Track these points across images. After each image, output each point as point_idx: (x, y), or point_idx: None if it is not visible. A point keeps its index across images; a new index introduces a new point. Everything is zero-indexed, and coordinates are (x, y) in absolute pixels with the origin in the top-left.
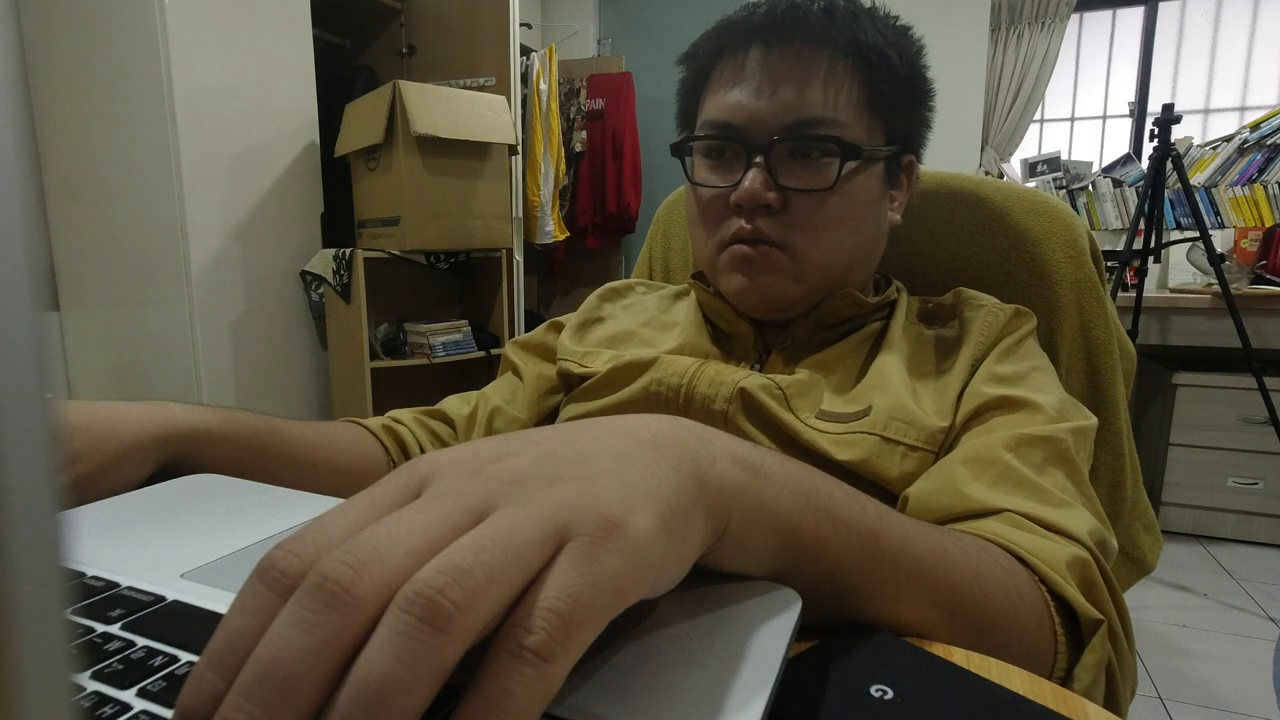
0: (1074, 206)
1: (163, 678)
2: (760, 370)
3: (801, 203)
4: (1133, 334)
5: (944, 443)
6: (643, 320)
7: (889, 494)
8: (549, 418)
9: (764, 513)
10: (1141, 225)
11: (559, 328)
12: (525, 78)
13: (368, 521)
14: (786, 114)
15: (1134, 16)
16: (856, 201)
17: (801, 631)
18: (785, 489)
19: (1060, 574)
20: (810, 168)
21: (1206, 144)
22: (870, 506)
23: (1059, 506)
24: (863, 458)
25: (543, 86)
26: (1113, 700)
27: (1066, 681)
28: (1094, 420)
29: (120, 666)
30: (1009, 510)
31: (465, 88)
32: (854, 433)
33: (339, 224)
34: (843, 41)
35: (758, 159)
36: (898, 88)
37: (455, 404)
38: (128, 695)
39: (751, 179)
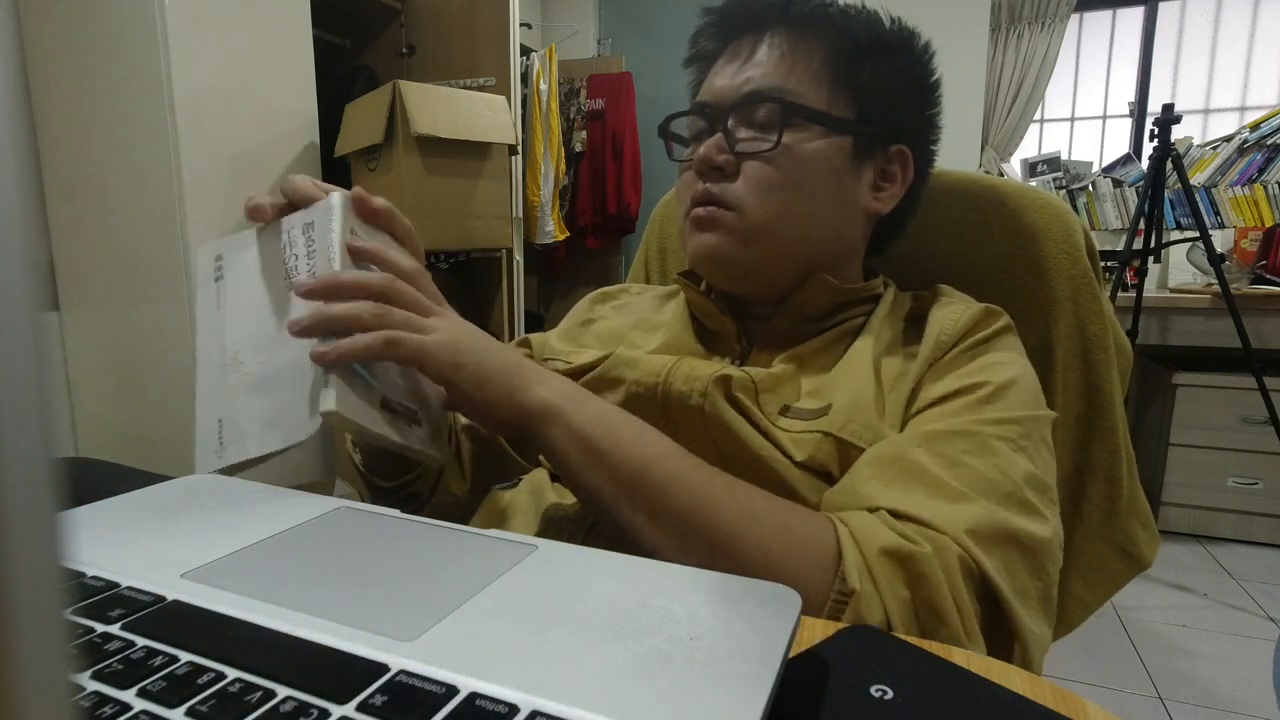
0: (1074, 206)
1: (163, 678)
2: (741, 365)
3: (752, 164)
4: (1133, 334)
5: None
6: (632, 322)
7: None
8: None
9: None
10: (1141, 225)
11: (528, 343)
12: (525, 78)
13: None
14: (744, 86)
15: (1134, 16)
16: (809, 169)
17: (801, 631)
18: (587, 421)
19: (858, 549)
20: (760, 132)
21: (1206, 144)
22: (655, 448)
23: (951, 501)
24: (819, 458)
25: (543, 86)
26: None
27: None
28: (1048, 412)
29: (120, 666)
30: (882, 508)
31: (465, 88)
32: (811, 431)
33: None
34: (804, 22)
35: (718, 127)
36: (872, 69)
37: None
38: (128, 695)
39: (707, 144)
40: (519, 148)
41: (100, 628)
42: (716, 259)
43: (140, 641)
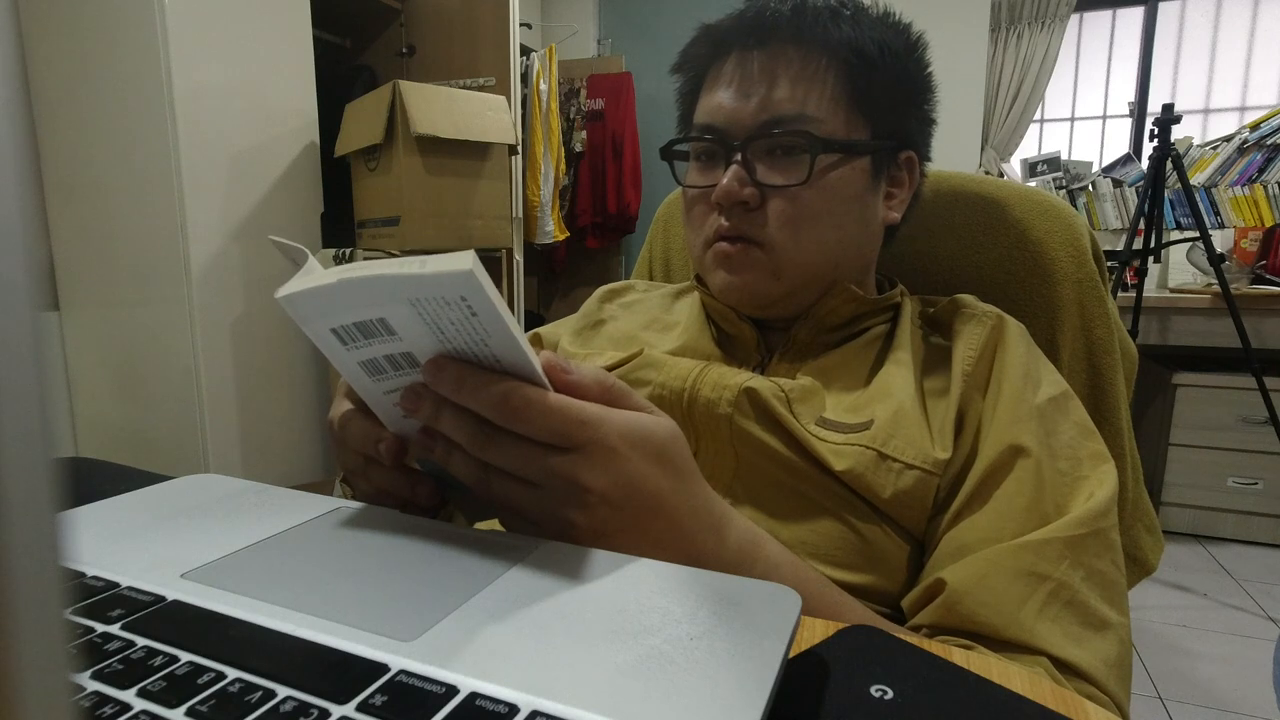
0: (1074, 206)
1: (163, 678)
2: (762, 373)
3: (778, 199)
4: (1133, 334)
5: (947, 473)
6: (644, 322)
7: (880, 513)
8: None
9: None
10: (1141, 225)
11: (539, 340)
12: (525, 78)
13: None
14: (761, 113)
15: (1134, 16)
16: (835, 196)
17: (801, 631)
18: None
19: None
20: (786, 164)
21: (1206, 144)
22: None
23: (1097, 632)
24: (859, 471)
25: (543, 86)
26: None
27: None
28: (1114, 468)
29: (120, 666)
30: (1045, 654)
31: (465, 88)
32: (852, 445)
33: (339, 224)
34: (815, 39)
35: (736, 157)
36: (883, 83)
37: None
38: (128, 695)
39: (729, 176)
40: (519, 148)
41: (100, 628)
42: (749, 296)
43: (140, 641)
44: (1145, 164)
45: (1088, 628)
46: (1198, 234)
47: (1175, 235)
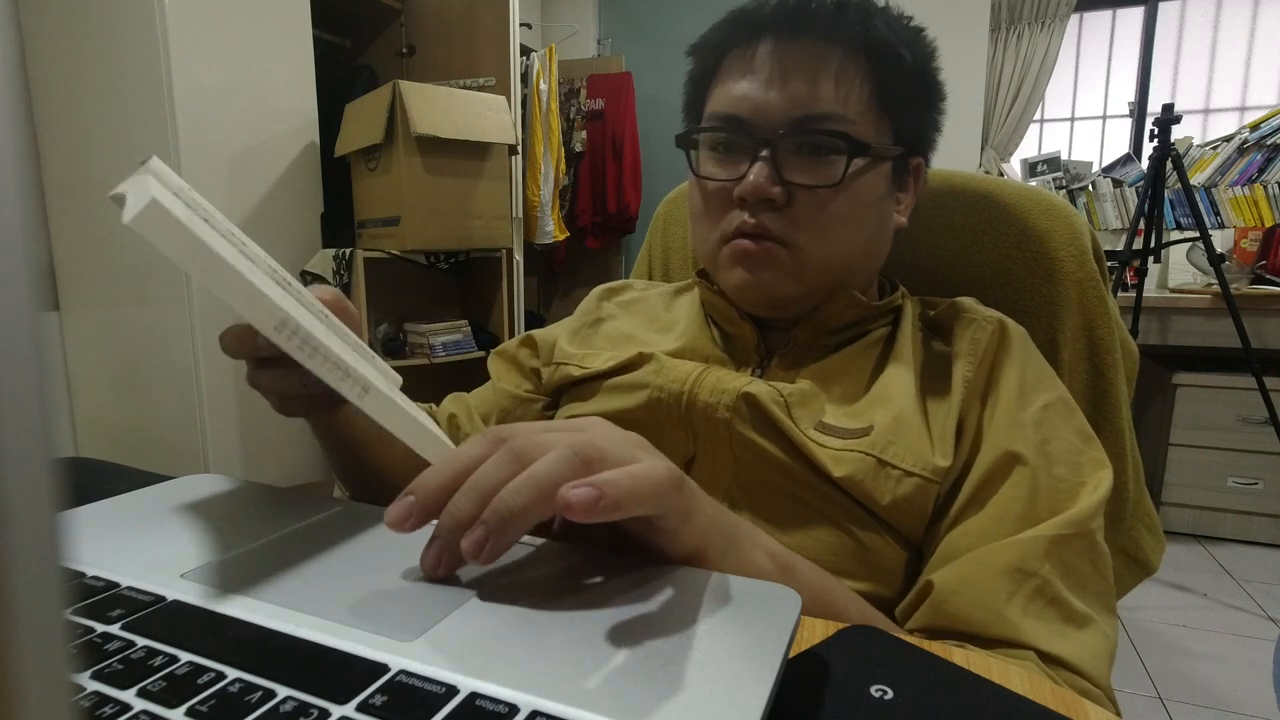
0: (1074, 206)
1: (163, 678)
2: (761, 375)
3: (806, 199)
4: (1133, 334)
5: (946, 480)
6: (643, 321)
7: (878, 519)
8: None
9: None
10: (1141, 225)
11: (532, 342)
12: (525, 78)
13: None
14: (794, 108)
15: (1134, 16)
16: (860, 200)
17: (801, 631)
18: (806, 589)
19: None
20: (817, 164)
21: (1206, 144)
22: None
23: (1080, 628)
24: (857, 478)
25: (543, 86)
26: None
27: None
28: (1110, 474)
29: (120, 666)
30: (1034, 649)
31: (465, 88)
32: (851, 450)
33: (339, 224)
34: (854, 37)
35: (764, 152)
36: (908, 88)
37: (446, 405)
38: (128, 695)
39: (756, 172)
40: (519, 148)
41: (100, 628)
42: (766, 296)
43: (140, 641)
44: (1145, 164)
45: (1070, 624)
46: (1198, 234)
47: (1175, 235)
